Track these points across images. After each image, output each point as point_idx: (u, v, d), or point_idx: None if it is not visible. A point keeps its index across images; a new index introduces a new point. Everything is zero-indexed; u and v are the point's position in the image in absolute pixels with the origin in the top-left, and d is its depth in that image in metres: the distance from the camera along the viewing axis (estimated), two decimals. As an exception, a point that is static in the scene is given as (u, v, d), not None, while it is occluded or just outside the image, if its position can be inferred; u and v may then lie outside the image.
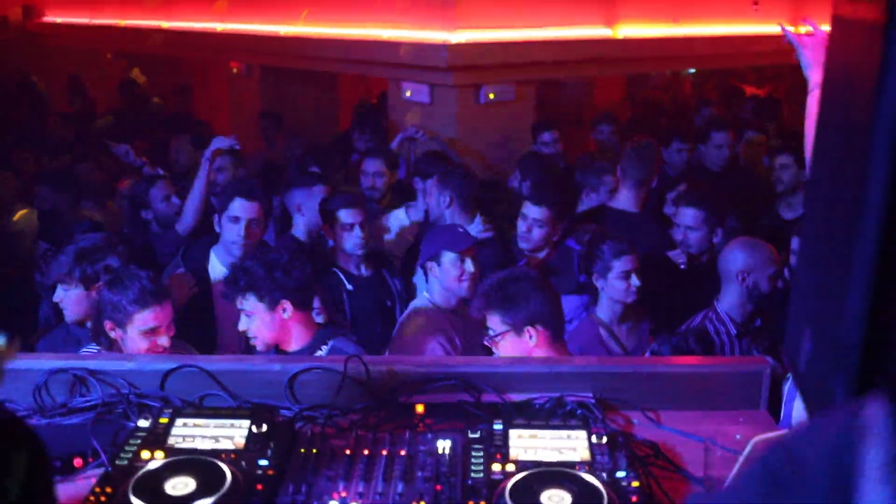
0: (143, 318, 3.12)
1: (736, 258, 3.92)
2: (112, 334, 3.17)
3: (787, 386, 3.17)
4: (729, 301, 3.91)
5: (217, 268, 4.19)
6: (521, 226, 4.45)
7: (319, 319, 3.66)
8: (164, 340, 3.15)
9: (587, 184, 5.57)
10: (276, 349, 3.29)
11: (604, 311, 3.98)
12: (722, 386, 2.39)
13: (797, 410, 3.00)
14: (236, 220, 4.12)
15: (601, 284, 3.94)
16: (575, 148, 7.77)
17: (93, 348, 3.30)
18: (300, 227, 4.75)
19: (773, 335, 3.93)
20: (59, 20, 13.90)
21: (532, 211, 4.43)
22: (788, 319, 1.42)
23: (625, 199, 5.03)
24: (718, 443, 2.05)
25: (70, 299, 3.54)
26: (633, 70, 9.71)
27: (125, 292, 3.12)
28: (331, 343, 3.28)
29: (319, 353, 3.25)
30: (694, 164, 6.66)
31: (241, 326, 3.28)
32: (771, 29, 8.05)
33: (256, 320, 3.22)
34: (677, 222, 4.63)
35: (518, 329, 3.00)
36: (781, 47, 8.41)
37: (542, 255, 4.51)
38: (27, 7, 15.19)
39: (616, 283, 3.89)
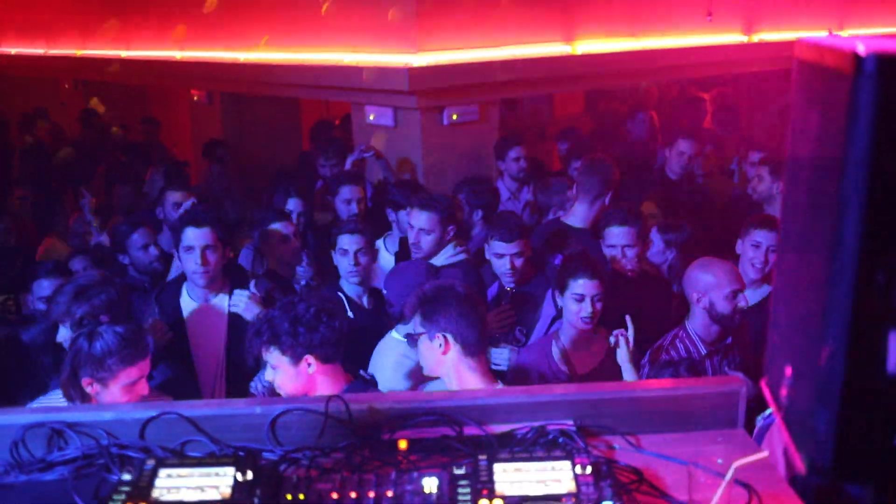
0: (128, 374, 3.08)
1: (692, 280, 3.96)
2: (88, 389, 3.10)
3: (760, 422, 3.22)
4: (696, 322, 3.95)
5: (188, 303, 4.17)
6: (503, 264, 4.41)
7: None
8: (143, 389, 3.12)
9: (552, 204, 5.62)
10: None
11: (563, 330, 3.98)
12: (699, 407, 2.41)
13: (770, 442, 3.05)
14: (190, 249, 4.08)
15: (560, 303, 3.95)
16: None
17: (54, 397, 3.24)
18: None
19: (744, 351, 3.98)
20: (13, 51, 13.75)
21: (503, 248, 4.40)
22: (767, 351, 1.45)
23: (577, 215, 5.05)
24: (701, 465, 2.07)
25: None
26: (594, 85, 9.81)
27: (108, 349, 3.05)
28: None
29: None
30: (655, 172, 6.77)
31: (267, 377, 3.24)
32: (724, 39, 8.26)
33: (281, 373, 3.18)
34: (611, 243, 4.57)
35: (430, 334, 3.09)
36: (735, 57, 8.58)
37: (526, 286, 4.50)
38: (-19, 38, 15.02)
39: (569, 304, 3.88)
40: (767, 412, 3.13)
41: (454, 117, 6.68)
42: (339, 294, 4.39)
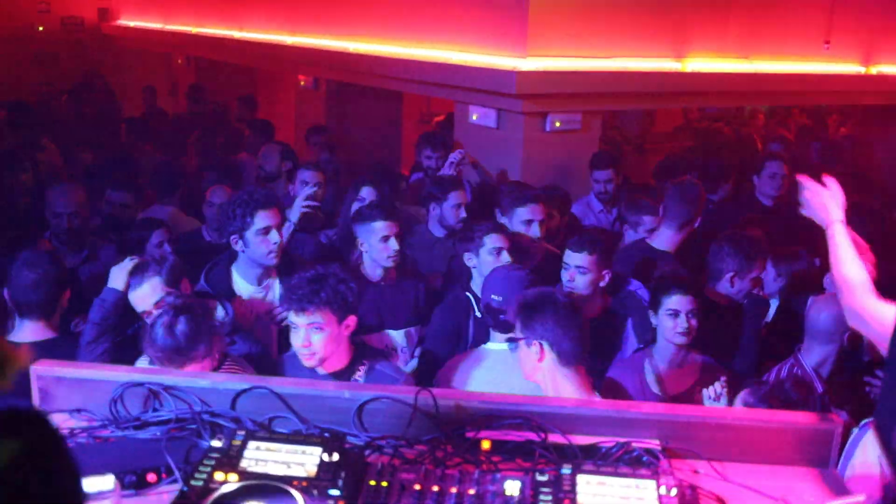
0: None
1: (832, 316, 3.82)
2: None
3: (852, 438, 3.11)
4: (816, 357, 3.83)
5: (241, 286, 4.18)
6: (564, 274, 4.35)
7: None
8: None
9: (627, 221, 5.54)
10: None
11: (658, 348, 3.94)
12: (791, 441, 2.35)
13: (855, 465, 2.94)
14: (266, 230, 4.07)
15: (655, 322, 3.90)
16: (635, 176, 7.76)
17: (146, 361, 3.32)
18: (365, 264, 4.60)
19: (853, 387, 3.85)
20: (132, 24, 14.23)
21: (573, 258, 4.32)
22: (879, 405, 1.41)
23: (662, 238, 4.95)
24: (789, 502, 2.02)
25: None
26: (701, 103, 9.69)
27: (163, 345, 3.04)
28: (367, 363, 3.32)
29: (358, 373, 3.29)
30: (744, 198, 6.56)
31: (301, 341, 3.19)
32: (841, 69, 8.03)
33: (325, 334, 3.18)
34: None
35: (528, 340, 3.06)
36: (851, 87, 8.31)
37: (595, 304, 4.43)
38: (102, 10, 15.60)
39: (664, 321, 3.84)
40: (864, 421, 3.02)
41: (557, 124, 6.65)
42: (468, 294, 4.35)
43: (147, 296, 3.61)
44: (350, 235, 4.79)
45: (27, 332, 3.62)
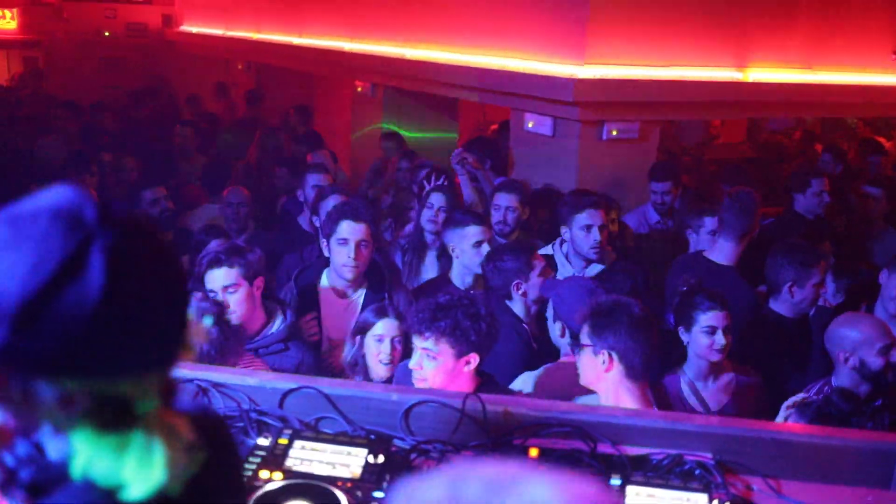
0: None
1: (838, 338, 3.72)
2: None
3: None
4: (843, 381, 3.72)
5: (326, 292, 4.16)
6: None
7: None
8: None
9: (688, 225, 5.46)
10: None
11: (690, 366, 3.83)
12: (850, 460, 2.27)
13: None
14: (345, 242, 4.01)
15: (686, 339, 3.79)
16: (694, 188, 7.62)
17: None
18: (455, 270, 4.58)
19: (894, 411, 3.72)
20: (194, 30, 14.48)
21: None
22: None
23: (720, 251, 4.83)
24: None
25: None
26: (761, 115, 9.50)
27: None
28: None
29: None
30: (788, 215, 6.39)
31: (414, 364, 3.08)
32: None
33: (437, 364, 3.02)
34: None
35: (596, 348, 3.00)
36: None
37: None
38: (167, 16, 15.92)
39: (699, 338, 3.72)
40: None
41: (613, 133, 6.57)
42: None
43: (220, 279, 3.61)
44: (421, 242, 4.78)
45: None
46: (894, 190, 6.56)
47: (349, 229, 4.02)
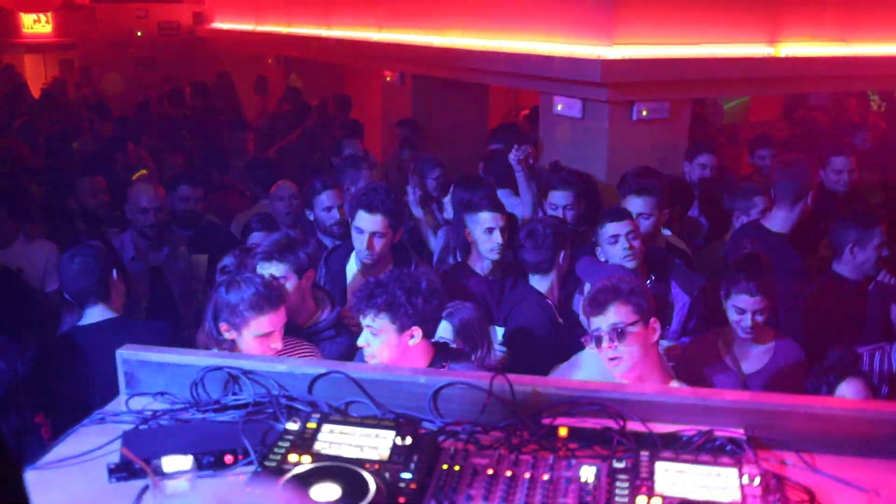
0: (259, 324, 3.23)
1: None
2: (227, 335, 3.28)
3: None
4: None
5: (354, 272, 4.29)
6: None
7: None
8: (277, 345, 3.25)
9: (737, 207, 5.39)
10: None
11: (729, 329, 3.88)
12: (887, 433, 2.23)
13: None
14: (360, 231, 4.15)
15: (725, 305, 3.82)
16: (729, 166, 7.54)
17: None
18: (473, 256, 4.61)
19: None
20: (225, 26, 14.59)
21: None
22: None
23: (776, 219, 4.85)
24: (883, 495, 1.92)
25: None
26: (795, 90, 9.35)
27: (242, 297, 3.21)
28: (448, 365, 3.27)
29: None
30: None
31: (362, 342, 3.20)
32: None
33: (382, 340, 3.16)
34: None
35: (645, 320, 3.14)
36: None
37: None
38: (197, 14, 16.06)
39: (730, 312, 3.79)
40: None
41: (644, 113, 6.51)
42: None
43: (270, 272, 3.66)
44: (459, 234, 4.81)
45: (90, 317, 3.85)
46: None
47: (363, 220, 4.14)
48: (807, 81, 7.61)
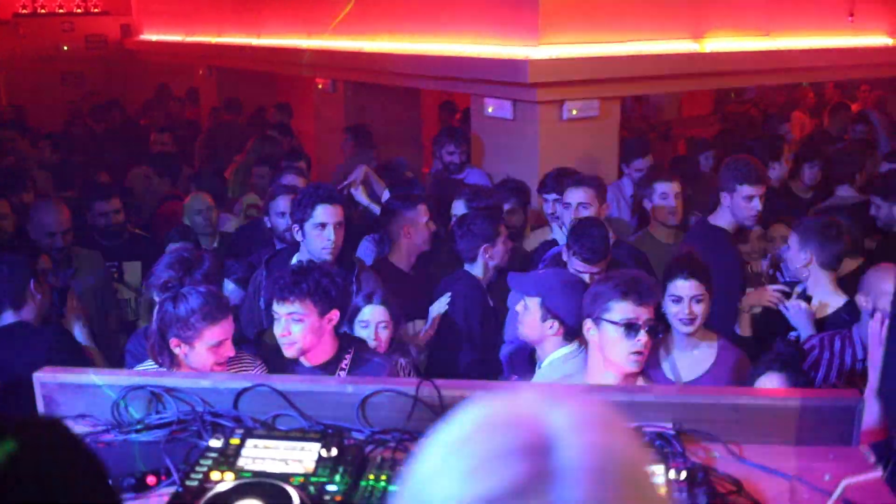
0: (212, 333, 3.17)
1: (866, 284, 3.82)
2: (176, 351, 3.20)
3: None
4: (865, 330, 3.74)
5: None
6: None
7: None
8: (229, 351, 3.24)
9: (644, 195, 5.52)
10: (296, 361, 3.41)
11: (671, 336, 3.82)
12: (810, 420, 2.26)
13: None
14: (322, 226, 4.15)
15: (664, 307, 3.79)
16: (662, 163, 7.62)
17: (148, 365, 3.34)
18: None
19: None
20: (154, 38, 14.35)
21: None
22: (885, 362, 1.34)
23: (720, 216, 4.86)
24: (806, 480, 1.95)
25: None
26: (722, 85, 9.50)
27: (192, 308, 3.16)
28: (352, 353, 3.40)
29: (343, 362, 3.38)
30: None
31: (280, 330, 3.33)
32: (867, 41, 7.84)
33: (305, 325, 3.29)
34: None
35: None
36: (879, 60, 8.07)
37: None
38: (125, 26, 15.76)
39: (669, 307, 3.73)
40: None
41: (573, 112, 6.54)
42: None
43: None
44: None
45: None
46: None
47: (326, 213, 4.16)
48: (734, 76, 7.73)
